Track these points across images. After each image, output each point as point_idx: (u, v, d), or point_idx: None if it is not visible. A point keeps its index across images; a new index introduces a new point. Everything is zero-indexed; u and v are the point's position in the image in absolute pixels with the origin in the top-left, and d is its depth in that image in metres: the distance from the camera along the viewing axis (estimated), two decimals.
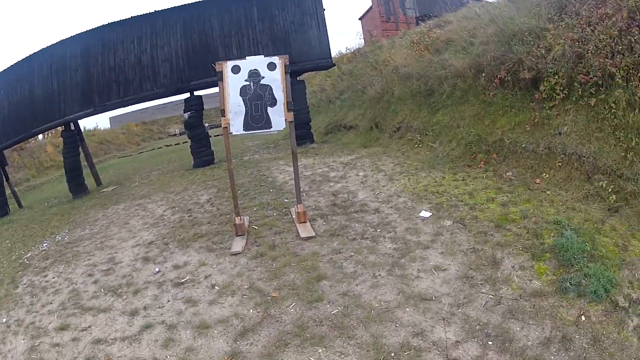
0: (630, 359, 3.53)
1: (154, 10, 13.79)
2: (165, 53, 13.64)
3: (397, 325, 4.19)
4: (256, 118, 6.50)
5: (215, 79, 7.30)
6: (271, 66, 6.56)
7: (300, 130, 12.98)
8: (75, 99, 13.71)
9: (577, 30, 7.17)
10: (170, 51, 13.63)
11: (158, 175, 14.22)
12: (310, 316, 4.54)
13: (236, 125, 6.51)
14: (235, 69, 6.56)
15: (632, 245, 4.89)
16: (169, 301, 5.37)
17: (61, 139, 14.96)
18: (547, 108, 7.28)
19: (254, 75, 6.53)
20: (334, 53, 15.23)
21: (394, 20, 26.85)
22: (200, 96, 14.17)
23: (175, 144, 23.35)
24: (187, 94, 14.01)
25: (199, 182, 11.40)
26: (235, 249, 6.36)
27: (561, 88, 7.10)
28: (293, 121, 6.69)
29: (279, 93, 6.52)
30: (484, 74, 9.00)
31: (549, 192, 6.32)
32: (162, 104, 31.01)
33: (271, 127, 6.56)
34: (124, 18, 13.79)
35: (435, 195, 7.07)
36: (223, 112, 6.51)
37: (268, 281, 5.37)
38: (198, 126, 14.20)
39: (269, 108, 6.51)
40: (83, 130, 17.60)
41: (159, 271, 6.24)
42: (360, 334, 4.14)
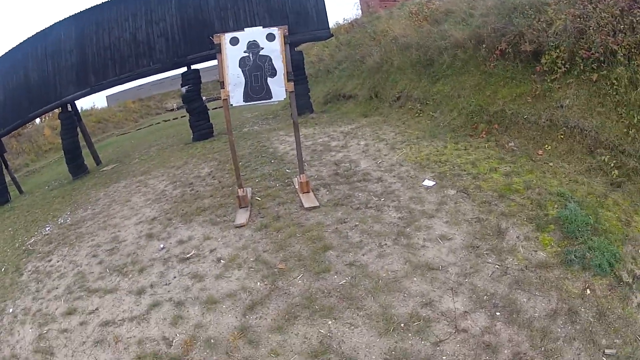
0: (635, 336, 3.49)
1: None
2: (160, 29, 13.17)
3: (406, 295, 4.12)
4: (256, 89, 6.33)
5: (212, 52, 7.11)
6: (270, 37, 6.37)
7: (300, 101, 12.69)
8: (71, 80, 13.31)
9: (579, 6, 6.99)
10: (166, 26, 13.15)
11: (157, 151, 13.91)
12: (318, 287, 4.46)
13: (236, 97, 6.35)
14: (234, 41, 6.35)
15: (635, 221, 4.84)
16: (175, 277, 5.27)
17: (58, 121, 14.62)
18: (549, 81, 7.13)
19: (253, 46, 6.35)
20: (331, 24, 14.80)
21: None
22: (197, 70, 13.77)
23: (174, 119, 22.85)
24: (184, 68, 13.63)
25: (199, 156, 11.14)
26: (239, 221, 6.23)
27: (562, 62, 6.95)
28: (294, 91, 6.51)
29: (279, 63, 6.35)
30: (484, 45, 8.78)
31: (551, 164, 6.19)
32: (159, 79, 30.28)
33: (271, 98, 6.41)
34: None
35: (438, 164, 6.92)
36: (222, 84, 6.33)
37: (274, 253, 5.27)
38: (196, 99, 13.85)
39: (268, 79, 6.35)
40: (80, 110, 17.01)
41: (164, 247, 6.11)
42: (369, 305, 4.07)
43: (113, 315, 4.85)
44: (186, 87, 13.70)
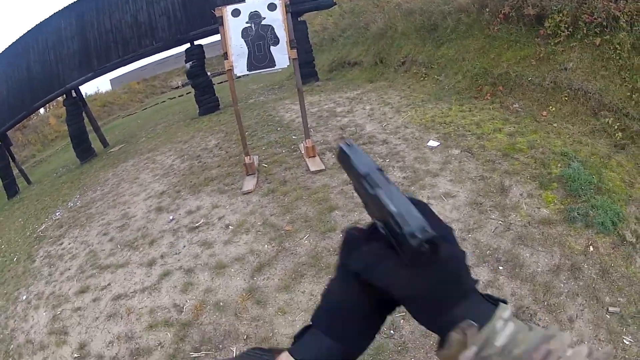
0: (638, 295, 3.42)
1: None
2: (162, 7, 12.78)
3: None
4: (259, 58, 6.18)
5: (214, 27, 6.95)
6: (271, 7, 6.21)
7: (305, 69, 12.43)
8: (74, 67, 13.07)
9: None
10: (167, 5, 12.75)
11: (164, 128, 13.71)
12: (324, 246, 4.42)
13: (240, 67, 6.19)
14: (235, 12, 6.20)
15: (639, 182, 4.73)
16: (184, 247, 5.27)
17: (63, 108, 14.41)
18: (552, 44, 6.96)
19: (255, 17, 6.18)
20: None
21: None
22: (200, 45, 13.38)
23: (179, 96, 22.18)
24: (188, 45, 13.29)
25: (206, 129, 10.96)
26: (247, 188, 6.17)
27: (566, 26, 6.78)
28: (297, 58, 6.34)
29: (281, 32, 6.18)
30: (487, 10, 8.56)
31: (555, 125, 6.03)
32: (163, 58, 29.62)
33: (275, 66, 6.24)
34: None
35: (443, 125, 6.76)
36: (226, 55, 6.17)
37: (281, 216, 5.22)
38: (201, 74, 13.52)
39: (271, 47, 6.18)
40: (85, 96, 16.69)
41: (173, 219, 6.09)
42: None
43: (125, 288, 4.88)
44: (190, 63, 13.39)
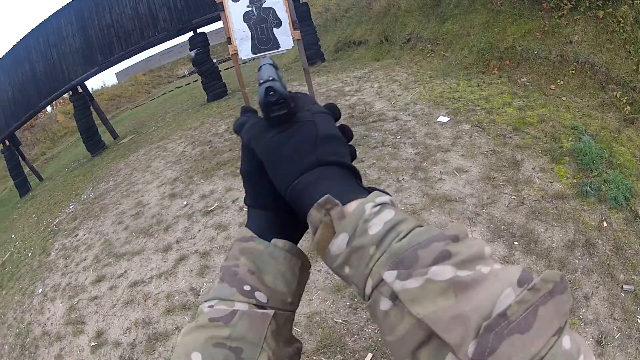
0: None
1: None
2: None
3: None
4: (263, 40, 6.01)
5: (216, 14, 6.76)
6: None
7: (310, 50, 12.20)
8: (78, 63, 12.88)
9: None
10: None
11: (173, 116, 13.49)
12: None
13: (244, 50, 6.02)
14: None
15: None
16: (199, 231, 5.21)
17: (70, 104, 14.23)
18: (556, 17, 6.83)
19: (255, 0, 6.00)
20: None
21: None
22: (204, 32, 13.15)
23: (186, 84, 21.67)
24: (191, 33, 13.02)
25: (215, 115, 10.76)
26: None
27: None
28: (301, 39, 6.17)
29: (283, 14, 6.00)
30: None
31: (564, 98, 5.92)
32: (167, 48, 29.13)
33: (279, 47, 6.06)
34: None
35: (452, 101, 6.63)
36: (229, 40, 6.02)
37: None
38: (206, 61, 13.23)
39: (274, 29, 6.01)
40: (91, 91, 16.37)
41: (187, 204, 6.03)
42: None
43: (141, 275, 4.84)
44: (195, 51, 13.11)
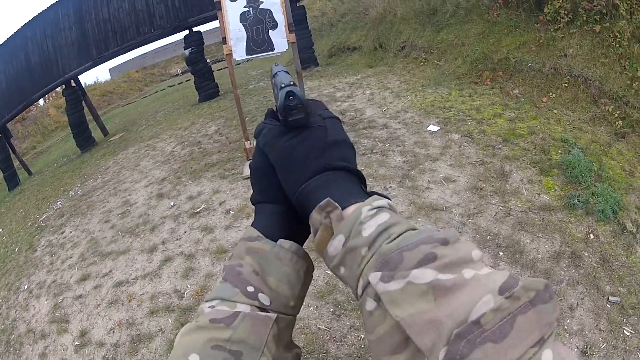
0: (639, 285, 3.28)
1: None
2: None
3: None
4: (258, 42, 5.92)
5: (212, 13, 6.64)
6: None
7: (304, 54, 12.10)
8: (72, 57, 12.72)
9: None
10: None
11: (164, 115, 13.34)
12: None
13: (239, 51, 5.91)
14: None
15: (639, 171, 4.58)
16: (185, 232, 5.12)
17: (63, 99, 14.01)
18: (552, 30, 6.75)
19: (253, 1, 5.89)
20: None
21: None
22: (199, 31, 12.93)
23: (179, 83, 21.44)
24: (186, 31, 12.80)
25: (206, 115, 10.65)
26: (247, 172, 5.92)
27: (565, 12, 6.58)
28: (295, 42, 6.05)
29: (279, 16, 5.90)
30: None
31: (555, 111, 5.83)
32: (162, 46, 28.89)
33: (274, 50, 5.96)
34: None
35: (443, 110, 6.52)
36: (224, 40, 5.91)
37: None
38: (200, 61, 13.06)
39: (270, 31, 5.91)
40: (84, 86, 16.18)
41: (174, 205, 5.92)
42: None
43: (126, 275, 4.75)
44: (189, 50, 12.97)
